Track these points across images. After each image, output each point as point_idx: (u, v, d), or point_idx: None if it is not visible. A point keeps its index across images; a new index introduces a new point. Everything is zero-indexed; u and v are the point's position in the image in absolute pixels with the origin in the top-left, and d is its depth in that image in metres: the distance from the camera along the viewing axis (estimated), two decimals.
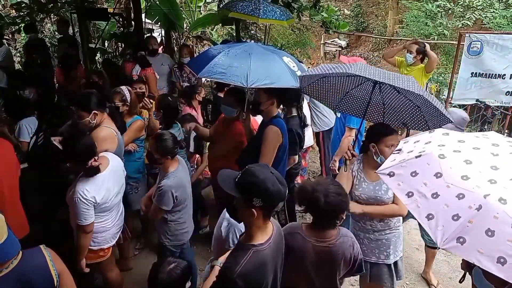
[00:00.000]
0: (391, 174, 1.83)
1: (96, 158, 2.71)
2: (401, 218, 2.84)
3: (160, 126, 3.93)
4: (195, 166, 4.40)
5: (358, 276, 3.00)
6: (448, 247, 1.49)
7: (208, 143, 4.08)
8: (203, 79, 7.84)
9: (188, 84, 5.78)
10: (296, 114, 3.82)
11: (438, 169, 1.67)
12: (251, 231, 1.85)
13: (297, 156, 3.85)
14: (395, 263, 2.86)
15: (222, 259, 2.10)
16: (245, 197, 1.78)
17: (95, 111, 3.10)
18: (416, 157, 1.78)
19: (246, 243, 1.84)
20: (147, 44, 6.19)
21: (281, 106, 4.00)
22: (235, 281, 1.71)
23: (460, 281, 2.49)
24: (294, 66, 3.35)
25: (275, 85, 3.10)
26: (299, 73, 3.27)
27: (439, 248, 1.58)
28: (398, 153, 1.95)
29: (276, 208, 1.85)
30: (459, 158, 1.68)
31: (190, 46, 9.02)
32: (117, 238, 3.10)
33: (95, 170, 2.70)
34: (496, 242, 1.42)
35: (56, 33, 10.12)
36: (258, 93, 3.27)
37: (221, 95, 4.57)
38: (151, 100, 3.99)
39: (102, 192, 2.74)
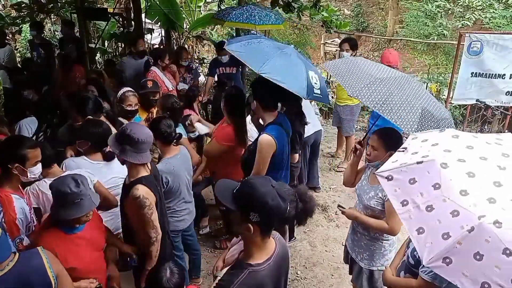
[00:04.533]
0: (389, 178, 1.72)
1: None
2: (392, 237, 2.80)
3: None
4: (195, 166, 4.39)
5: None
6: (433, 266, 1.45)
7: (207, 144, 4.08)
8: (202, 81, 7.83)
9: (188, 87, 5.70)
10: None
11: (438, 179, 1.56)
12: (248, 248, 1.75)
13: (297, 154, 3.83)
14: (371, 272, 2.85)
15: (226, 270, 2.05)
16: (241, 210, 1.67)
17: (90, 117, 3.16)
18: (418, 162, 1.67)
19: (243, 262, 1.73)
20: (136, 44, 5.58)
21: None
22: None
23: None
24: (316, 83, 3.22)
25: (282, 84, 2.94)
26: (318, 92, 3.18)
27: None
28: (403, 151, 1.83)
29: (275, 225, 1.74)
30: (461, 170, 1.57)
31: (189, 47, 9.00)
32: None
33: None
34: (484, 267, 1.37)
35: (56, 33, 10.14)
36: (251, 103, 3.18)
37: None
38: None
39: None
